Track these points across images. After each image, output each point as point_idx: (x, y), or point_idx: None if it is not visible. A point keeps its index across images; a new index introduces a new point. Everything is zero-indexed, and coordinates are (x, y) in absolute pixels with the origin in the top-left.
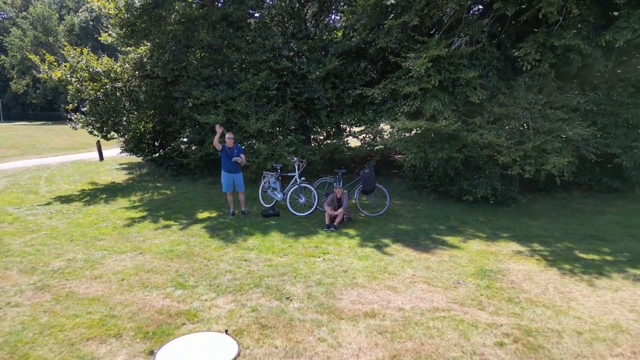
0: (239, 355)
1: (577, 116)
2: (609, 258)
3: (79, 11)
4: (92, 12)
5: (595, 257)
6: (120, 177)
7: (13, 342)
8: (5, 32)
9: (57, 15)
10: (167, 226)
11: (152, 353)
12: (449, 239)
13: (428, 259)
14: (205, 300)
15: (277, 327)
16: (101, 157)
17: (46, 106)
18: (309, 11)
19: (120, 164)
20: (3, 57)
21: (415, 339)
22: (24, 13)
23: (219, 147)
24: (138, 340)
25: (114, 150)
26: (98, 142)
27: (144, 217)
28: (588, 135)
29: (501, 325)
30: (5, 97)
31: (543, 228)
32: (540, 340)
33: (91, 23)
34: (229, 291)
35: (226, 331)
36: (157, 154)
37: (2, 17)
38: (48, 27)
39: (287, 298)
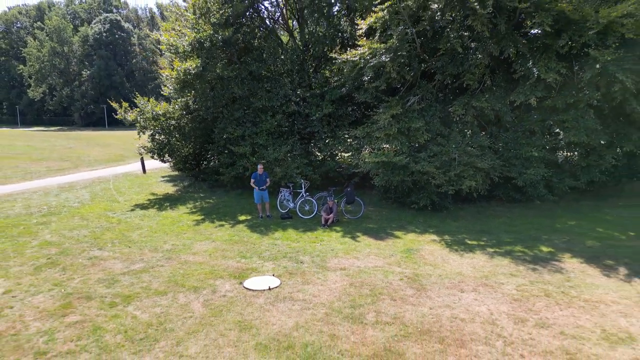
0: (280, 284)
1: (490, 152)
2: (482, 243)
3: (92, 22)
4: (105, 24)
5: (474, 242)
6: (170, 189)
7: (174, 279)
8: (21, 41)
9: (71, 26)
10: (221, 225)
11: (241, 283)
12: (397, 232)
13: (380, 243)
14: (259, 263)
15: (297, 274)
16: (144, 170)
17: (61, 112)
18: (311, 65)
19: (163, 177)
20: (22, 66)
21: (362, 278)
22: (38, 23)
23: (252, 181)
24: (232, 279)
25: (149, 164)
26: (142, 158)
27: (203, 219)
28: (495, 165)
29: (405, 272)
30: (21, 104)
31: (457, 226)
32: (420, 278)
33: (104, 35)
34: (270, 259)
35: (273, 275)
36: (197, 171)
37: (17, 26)
38: (63, 38)
39: (300, 262)
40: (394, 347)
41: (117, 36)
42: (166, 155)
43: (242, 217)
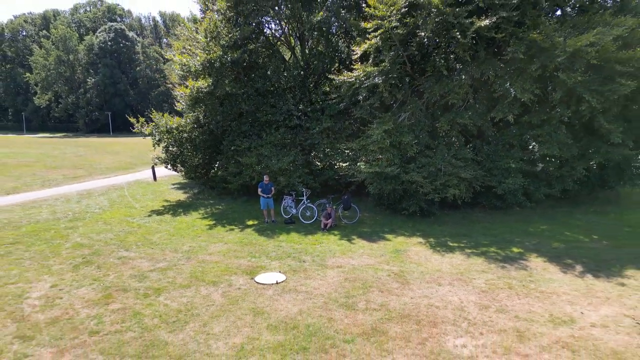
0: (286, 279)
1: (473, 163)
2: (462, 245)
3: (98, 31)
4: (110, 33)
5: (455, 244)
6: (182, 196)
7: (195, 275)
8: (27, 49)
9: (76, 35)
10: (232, 229)
11: (252, 278)
12: (388, 235)
13: (372, 245)
14: (267, 262)
15: (300, 271)
16: (155, 178)
17: (66, 119)
18: (312, 80)
19: (173, 184)
20: (28, 74)
21: (355, 274)
22: (44, 31)
23: (259, 190)
24: (245, 275)
25: (158, 171)
26: (153, 166)
27: (215, 224)
28: (477, 175)
29: (392, 269)
30: (27, 110)
31: (441, 230)
32: (405, 274)
33: (109, 43)
34: (276, 259)
35: (279, 271)
36: (206, 179)
37: (23, 35)
38: (69, 46)
39: (303, 261)
40: (379, 327)
41: (121, 45)
42: (179, 165)
43: (250, 222)
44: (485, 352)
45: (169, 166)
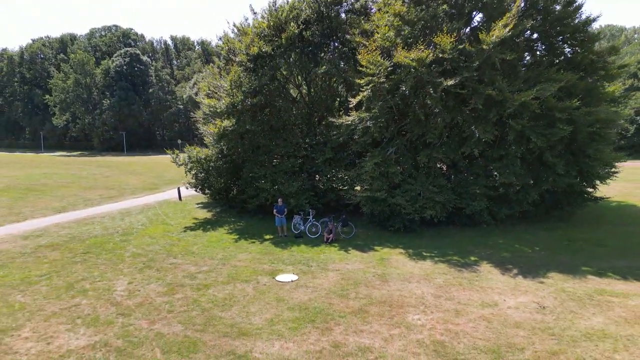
0: (298, 278)
1: (446, 189)
2: (432, 254)
3: (114, 56)
4: (125, 58)
5: (427, 254)
6: (207, 214)
7: (231, 276)
8: (44, 71)
9: (93, 59)
10: (253, 242)
11: (274, 278)
12: (376, 247)
13: (364, 254)
14: (283, 267)
15: (308, 273)
16: (180, 198)
17: (82, 138)
18: (316, 116)
19: (197, 204)
20: (48, 96)
21: (349, 275)
22: (61, 55)
23: (274, 211)
24: (268, 275)
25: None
26: (179, 187)
27: (239, 237)
28: (449, 198)
29: (377, 272)
30: (44, 130)
31: (419, 243)
32: (386, 275)
33: (125, 67)
34: (289, 264)
35: (293, 273)
36: (226, 199)
37: (40, 57)
38: (86, 70)
39: (310, 266)
40: (363, 309)
41: (136, 68)
42: (205, 189)
43: (267, 236)
44: (432, 322)
45: (197, 189)
